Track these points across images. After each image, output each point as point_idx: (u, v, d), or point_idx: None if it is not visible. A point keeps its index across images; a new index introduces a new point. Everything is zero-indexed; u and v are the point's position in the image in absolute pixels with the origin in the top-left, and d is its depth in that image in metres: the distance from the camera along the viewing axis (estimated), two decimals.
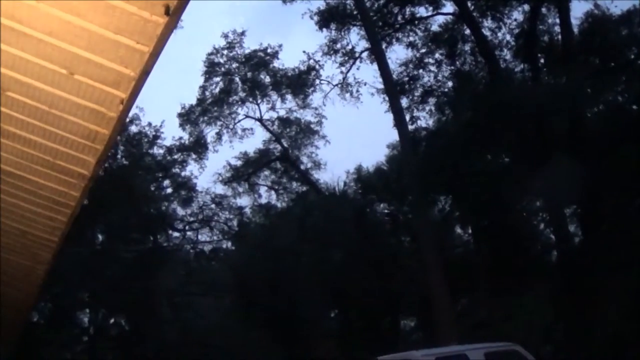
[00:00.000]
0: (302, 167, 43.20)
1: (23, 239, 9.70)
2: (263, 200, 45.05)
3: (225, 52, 40.83)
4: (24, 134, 7.24)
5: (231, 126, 42.09)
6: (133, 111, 41.60)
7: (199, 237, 46.41)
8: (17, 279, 11.36)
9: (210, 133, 42.33)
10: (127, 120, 40.55)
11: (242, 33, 40.77)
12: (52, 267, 11.11)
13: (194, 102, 41.47)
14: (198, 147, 42.60)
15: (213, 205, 45.03)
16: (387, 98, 29.76)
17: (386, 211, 36.71)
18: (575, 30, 28.86)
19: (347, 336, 35.12)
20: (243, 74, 41.17)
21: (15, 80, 6.28)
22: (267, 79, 41.29)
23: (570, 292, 26.50)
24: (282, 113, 42.41)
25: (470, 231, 36.00)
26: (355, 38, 35.55)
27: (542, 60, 30.30)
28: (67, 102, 6.37)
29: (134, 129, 41.39)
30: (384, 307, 34.57)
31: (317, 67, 38.39)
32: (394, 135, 43.36)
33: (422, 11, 32.13)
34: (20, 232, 9.47)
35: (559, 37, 29.34)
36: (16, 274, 11.06)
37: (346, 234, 31.67)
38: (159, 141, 42.46)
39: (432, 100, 31.29)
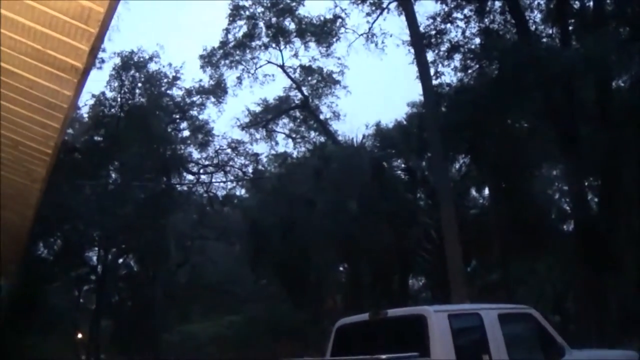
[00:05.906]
0: (322, 116, 42.88)
1: (16, 151, 9.23)
2: (280, 148, 44.93)
3: None
4: (9, 15, 6.37)
5: (252, 71, 41.78)
6: (152, 48, 41.30)
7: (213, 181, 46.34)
8: (13, 199, 11.00)
9: (230, 77, 42.02)
10: (147, 57, 40.34)
11: None
12: (47, 188, 10.82)
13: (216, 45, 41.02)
14: (218, 91, 42.27)
15: (229, 150, 44.89)
16: (412, 50, 29.21)
17: (403, 166, 36.34)
18: None
19: (355, 289, 35.00)
20: (267, 19, 40.58)
21: None
22: (292, 26, 40.72)
23: (584, 263, 26.26)
24: (305, 61, 41.94)
25: (486, 193, 35.67)
26: None
27: (571, 26, 29.67)
28: None
29: (153, 66, 41.11)
30: (395, 263, 34.41)
31: (343, 15, 37.94)
32: (414, 93, 42.98)
33: None
34: (13, 142, 8.97)
35: (591, 3, 28.81)
36: (12, 193, 10.68)
37: (362, 186, 31.39)
38: (178, 82, 42.28)
39: (457, 57, 30.69)
